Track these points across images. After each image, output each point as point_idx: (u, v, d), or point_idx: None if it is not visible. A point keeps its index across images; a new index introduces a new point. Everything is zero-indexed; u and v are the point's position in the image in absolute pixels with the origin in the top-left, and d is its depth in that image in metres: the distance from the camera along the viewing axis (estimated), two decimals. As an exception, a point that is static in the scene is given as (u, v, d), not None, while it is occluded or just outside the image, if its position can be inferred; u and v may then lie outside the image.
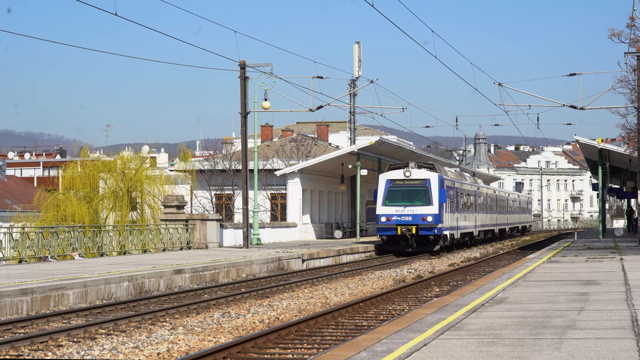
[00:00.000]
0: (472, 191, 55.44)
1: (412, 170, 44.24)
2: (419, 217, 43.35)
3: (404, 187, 44.07)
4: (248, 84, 42.26)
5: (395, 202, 43.82)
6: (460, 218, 49.83)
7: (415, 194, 43.98)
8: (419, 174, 44.24)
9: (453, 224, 47.43)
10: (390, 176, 44.50)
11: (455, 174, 51.44)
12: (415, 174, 44.16)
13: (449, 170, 50.23)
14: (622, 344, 11.10)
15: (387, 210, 43.73)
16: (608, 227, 76.07)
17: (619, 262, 28.00)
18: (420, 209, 43.51)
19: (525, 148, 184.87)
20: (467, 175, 59.70)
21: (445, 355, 10.54)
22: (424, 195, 43.81)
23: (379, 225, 44.07)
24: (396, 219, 43.40)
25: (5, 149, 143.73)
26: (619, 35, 41.86)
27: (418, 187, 43.95)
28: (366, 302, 21.49)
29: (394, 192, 44.01)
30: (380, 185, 44.41)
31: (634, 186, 61.13)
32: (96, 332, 17.00)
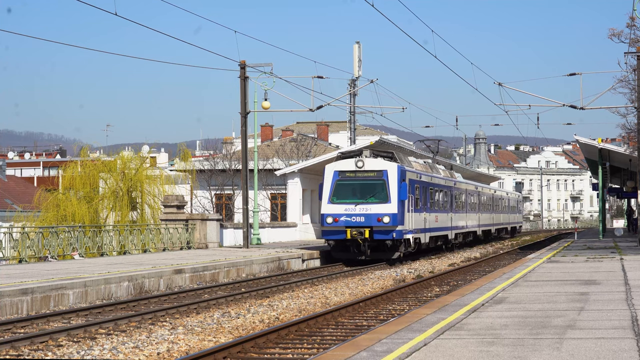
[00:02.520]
0: (447, 187, 48.03)
1: (366, 159, 36.84)
2: (374, 217, 35.91)
3: (355, 180, 36.80)
4: (248, 84, 42.26)
5: (345, 198, 36.47)
6: (429, 219, 42.37)
7: (369, 188, 36.64)
8: (374, 164, 36.88)
9: (419, 226, 39.92)
10: (339, 167, 37.18)
11: (423, 166, 44.12)
12: (370, 165, 36.80)
13: (414, 161, 42.90)
14: (622, 343, 11.10)
15: (335, 209, 36.20)
16: (608, 227, 76.08)
17: (619, 262, 28.00)
18: (375, 207, 36.11)
19: (525, 148, 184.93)
20: (442, 167, 51.19)
21: (445, 355, 10.53)
22: (379, 191, 36.50)
23: (324, 227, 36.53)
24: (345, 220, 35.98)
25: (5, 149, 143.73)
26: (619, 35, 41.88)
27: (373, 181, 36.66)
28: (366, 302, 21.48)
29: (343, 187, 36.70)
30: (327, 179, 37.04)
31: (634, 186, 61.10)
32: (96, 332, 17.00)
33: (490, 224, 64.44)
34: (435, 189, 44.36)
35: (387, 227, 35.96)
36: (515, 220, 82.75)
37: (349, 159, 37.11)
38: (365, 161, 36.82)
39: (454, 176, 52.07)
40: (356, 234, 35.82)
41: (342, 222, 36.00)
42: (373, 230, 35.86)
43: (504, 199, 74.74)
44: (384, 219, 35.86)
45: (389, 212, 35.99)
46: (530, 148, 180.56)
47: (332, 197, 36.52)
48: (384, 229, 36.00)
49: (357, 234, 35.81)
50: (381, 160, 37.27)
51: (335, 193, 36.60)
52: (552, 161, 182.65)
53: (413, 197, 38.86)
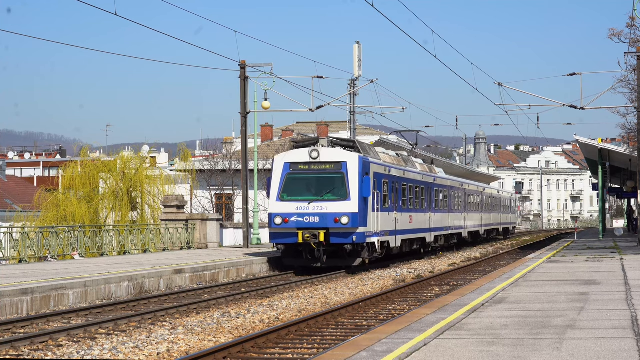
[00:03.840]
0: (426, 183, 42.93)
1: (322, 149, 31.62)
2: (330, 217, 30.65)
3: (308, 173, 31.51)
4: (248, 84, 42.26)
5: (296, 195, 31.16)
6: (401, 219, 37.16)
7: (324, 183, 31.37)
8: (331, 154, 31.61)
9: (387, 227, 34.70)
10: (290, 158, 31.86)
11: (395, 159, 38.72)
12: (326, 155, 31.49)
13: (383, 153, 37.46)
14: (622, 343, 11.10)
15: (284, 208, 30.98)
16: (608, 227, 76.11)
17: (619, 262, 28.01)
18: (331, 205, 30.81)
19: (525, 148, 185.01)
20: (419, 161, 45.36)
21: (445, 355, 10.53)
22: (337, 186, 31.19)
23: (272, 229, 31.26)
24: (297, 221, 30.72)
25: (5, 149, 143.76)
26: (619, 35, 41.95)
27: (329, 174, 31.35)
28: (366, 302, 21.49)
29: (294, 182, 31.45)
30: (276, 172, 31.66)
31: (634, 186, 61.14)
32: (96, 332, 17.00)
33: (478, 224, 59.21)
34: (409, 185, 39.20)
35: (345, 229, 30.66)
36: (509, 221, 77.43)
37: (303, 149, 31.85)
38: (321, 151, 31.47)
39: (434, 171, 46.85)
40: (309, 237, 30.46)
41: (293, 223, 30.70)
42: (329, 232, 30.67)
43: (496, 197, 69.28)
44: (342, 219, 30.51)
45: (348, 211, 30.66)
46: (530, 148, 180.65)
47: (281, 193, 31.26)
48: (343, 231, 30.68)
49: (310, 237, 30.46)
50: (340, 150, 32.02)
51: (286, 189, 31.30)
52: (552, 161, 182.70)
53: (380, 194, 33.59)
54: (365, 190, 31.10)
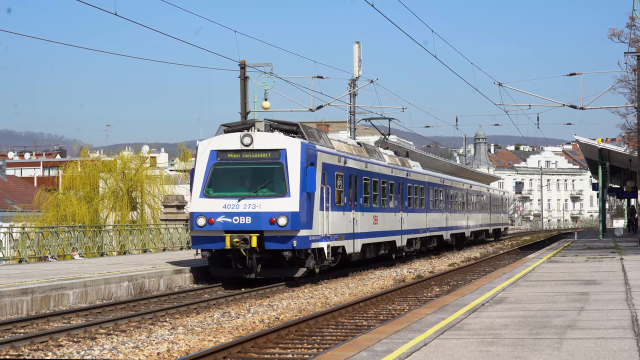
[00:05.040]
0: (396, 178, 37.42)
1: (257, 134, 26.10)
2: (265, 217, 25.27)
3: (240, 164, 26.17)
4: (248, 84, 42.26)
5: (224, 190, 25.92)
6: (363, 220, 31.78)
7: (259, 176, 26.02)
8: (268, 140, 26.10)
9: (341, 229, 29.18)
10: (218, 144, 26.30)
11: (353, 148, 32.77)
12: (262, 141, 26.00)
13: (337, 141, 31.57)
14: (622, 343, 11.10)
15: (209, 206, 25.63)
16: (608, 227, 76.11)
17: (619, 262, 28.01)
18: (267, 203, 25.41)
19: (525, 148, 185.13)
20: (389, 153, 39.65)
21: (445, 355, 10.53)
22: (274, 179, 25.86)
23: (194, 231, 25.93)
24: (224, 222, 25.41)
25: (5, 149, 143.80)
26: (619, 35, 41.97)
27: (265, 165, 25.99)
28: (366, 302, 21.49)
29: (222, 174, 26.16)
30: (200, 162, 26.35)
31: (634, 186, 61.14)
32: (96, 332, 17.00)
33: (463, 225, 53.65)
34: (373, 179, 33.61)
35: (284, 231, 25.26)
36: (500, 221, 71.60)
37: (233, 134, 26.30)
38: (255, 137, 25.97)
39: (407, 165, 41.10)
40: (239, 242, 25.06)
41: (219, 225, 25.38)
42: (264, 236, 25.29)
43: (485, 195, 63.62)
44: (280, 220, 25.11)
45: (287, 209, 25.24)
46: (530, 148, 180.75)
47: (206, 188, 25.95)
48: (280, 234, 25.32)
49: (239, 242, 25.07)
50: (280, 135, 26.45)
51: (211, 183, 26.00)
52: (552, 161, 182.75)
53: (331, 189, 28.12)
54: (309, 184, 25.73)
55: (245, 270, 25.80)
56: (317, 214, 26.73)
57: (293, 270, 26.26)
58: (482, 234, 62.20)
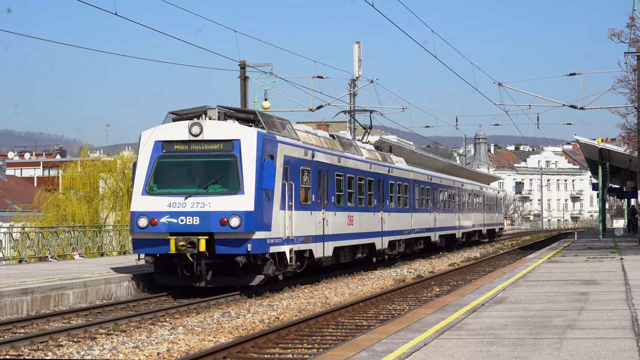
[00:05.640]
0: (375, 174, 34.24)
1: (207, 123, 23.22)
2: (215, 217, 22.30)
3: (188, 156, 23.24)
4: (248, 84, 42.27)
5: (170, 187, 23.02)
6: (333, 220, 28.71)
7: (209, 170, 23.09)
8: (220, 130, 23.13)
9: (308, 231, 26.15)
10: (163, 134, 23.41)
11: (324, 141, 29.38)
12: (213, 131, 23.09)
13: (305, 132, 27.85)
14: (622, 343, 11.10)
15: (152, 205, 22.72)
16: (608, 227, 76.14)
17: (619, 261, 28.01)
18: (217, 201, 22.44)
19: (525, 148, 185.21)
20: (367, 147, 36.13)
21: (445, 355, 10.53)
22: (227, 174, 22.91)
23: (135, 234, 22.94)
24: (168, 223, 22.42)
25: (5, 149, 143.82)
26: (619, 35, 41.97)
27: (216, 157, 23.09)
28: (366, 302, 21.49)
29: (167, 168, 23.29)
30: (143, 154, 23.49)
31: (634, 186, 61.17)
32: (96, 332, 17.01)
33: (454, 226, 50.78)
34: (348, 175, 30.52)
35: (236, 234, 22.22)
36: (494, 221, 68.62)
37: (181, 122, 23.42)
38: (206, 126, 23.07)
39: (389, 160, 37.85)
40: (185, 245, 22.07)
41: (163, 226, 22.43)
42: (214, 239, 22.32)
43: (478, 194, 60.54)
44: (232, 220, 22.14)
45: (240, 208, 22.25)
46: (530, 148, 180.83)
47: (149, 184, 23.10)
48: (233, 237, 22.28)
49: (186, 245, 22.08)
50: (234, 124, 23.37)
51: (155, 178, 23.16)
52: (552, 161, 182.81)
53: (296, 186, 25.14)
54: (267, 180, 22.83)
55: (194, 278, 22.79)
56: (277, 214, 23.65)
57: (249, 277, 23.09)
58: (474, 235, 59.31)
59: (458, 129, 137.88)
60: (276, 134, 24.34)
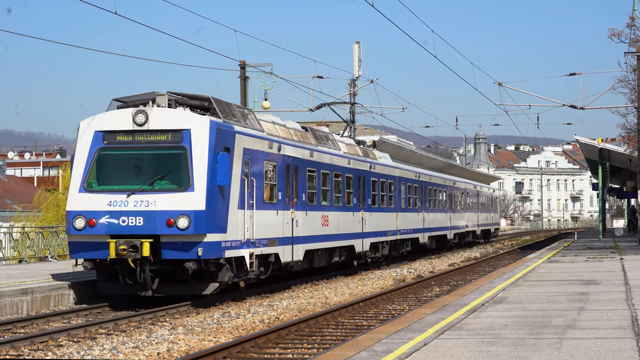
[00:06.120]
0: (355, 170, 31.67)
1: (153, 111, 20.64)
2: (161, 217, 19.84)
3: (132, 148, 20.81)
4: (248, 84, 42.28)
5: (111, 183, 20.64)
6: (305, 221, 26.29)
7: (155, 164, 20.64)
8: (169, 118, 20.59)
9: (273, 233, 23.72)
10: (104, 124, 20.87)
11: (293, 133, 26.79)
12: (160, 120, 20.56)
13: (272, 123, 25.39)
14: (622, 343, 11.10)
15: (90, 203, 20.28)
16: (608, 227, 76.13)
17: (619, 261, 28.01)
18: (164, 199, 20.01)
19: (525, 148, 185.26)
20: (347, 142, 33.28)
21: (445, 355, 10.53)
22: (175, 168, 20.43)
23: (71, 236, 20.46)
24: (108, 223, 19.98)
25: (5, 149, 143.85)
26: (619, 35, 41.99)
27: (163, 150, 20.60)
28: (366, 302, 21.49)
29: (108, 162, 20.82)
30: (81, 147, 20.91)
31: (634, 186, 61.18)
32: (96, 332, 17.01)
33: (446, 226, 48.09)
34: (323, 171, 28.15)
35: (185, 236, 19.80)
36: (489, 221, 65.43)
37: (125, 110, 20.90)
38: (152, 114, 20.53)
39: (372, 156, 35.19)
40: (126, 249, 19.67)
41: (102, 228, 20.00)
42: (160, 242, 19.90)
43: (472, 193, 57.95)
44: (180, 221, 19.71)
45: (190, 207, 19.83)
46: (530, 148, 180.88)
47: (87, 180, 20.57)
48: (181, 239, 19.84)
49: (127, 249, 19.68)
50: (184, 112, 20.85)
51: (94, 173, 20.69)
52: (552, 161, 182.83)
53: (258, 183, 22.69)
54: (221, 175, 20.39)
55: (139, 286, 20.33)
56: (234, 214, 21.22)
57: (201, 286, 20.65)
58: (468, 236, 56.40)
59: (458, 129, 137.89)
60: (234, 123, 21.95)
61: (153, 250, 19.78)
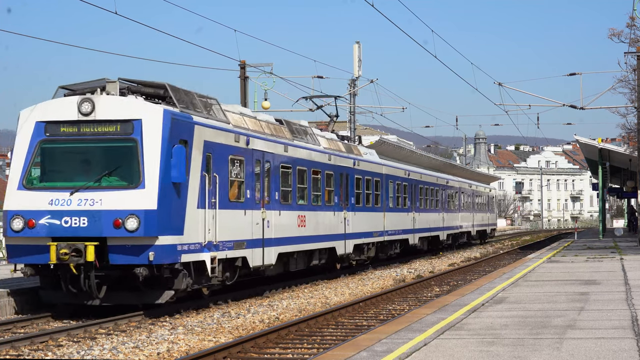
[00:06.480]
0: (336, 167, 29.56)
1: (101, 99, 18.68)
2: (107, 218, 17.94)
3: (76, 141, 18.83)
4: (248, 84, 42.31)
5: (53, 180, 18.73)
6: (277, 221, 24.15)
7: (102, 158, 18.65)
8: (117, 108, 18.62)
9: (242, 234, 21.74)
10: (47, 114, 18.94)
11: (265, 125, 24.59)
12: (108, 109, 18.60)
13: (240, 115, 23.25)
14: (622, 343, 11.10)
15: (29, 202, 18.40)
16: (608, 227, 76.14)
17: (619, 261, 28.02)
18: (111, 197, 18.12)
19: (525, 148, 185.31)
20: (328, 136, 30.97)
21: (445, 355, 10.53)
22: (124, 163, 18.49)
23: (8, 238, 18.56)
24: (49, 225, 18.08)
25: (5, 149, 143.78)
26: (619, 35, 42.01)
27: (111, 142, 18.62)
28: (366, 301, 21.50)
29: (50, 156, 18.94)
30: (21, 139, 19.18)
31: (634, 186, 61.19)
32: (96, 332, 16.99)
33: (437, 227, 45.87)
34: (298, 167, 26.09)
35: (134, 238, 17.93)
36: (485, 222, 62.84)
37: (70, 98, 18.97)
38: (99, 103, 18.56)
39: (355, 152, 32.95)
40: (68, 253, 17.79)
41: (43, 229, 18.12)
42: (107, 245, 18.03)
43: (466, 192, 55.72)
44: (129, 221, 17.81)
45: (140, 206, 17.94)
46: (530, 148, 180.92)
47: (27, 176, 18.68)
48: (130, 242, 17.97)
49: (69, 253, 17.79)
50: (135, 100, 18.83)
51: (35, 169, 18.88)
52: (552, 161, 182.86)
53: (221, 179, 20.65)
54: (177, 170, 18.42)
55: (85, 295, 18.36)
56: (193, 214, 19.28)
57: (154, 294, 18.70)
58: (462, 237, 54.34)
59: (458, 129, 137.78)
60: (194, 113, 19.95)
61: (99, 255, 17.85)
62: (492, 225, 67.09)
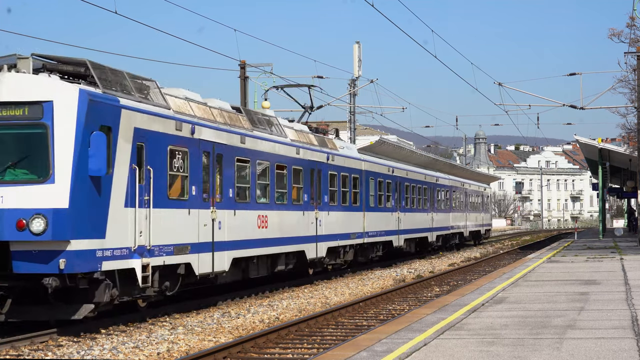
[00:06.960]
0: (307, 162, 26.77)
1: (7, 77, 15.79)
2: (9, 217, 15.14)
3: None
4: (248, 84, 42.32)
5: None
6: (232, 221, 21.32)
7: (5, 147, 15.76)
8: (27, 87, 15.69)
9: (185, 237, 18.85)
10: None
11: (219, 114, 21.47)
12: (14, 89, 15.72)
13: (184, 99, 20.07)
14: (622, 343, 11.10)
15: None
16: (608, 227, 76.18)
17: (619, 261, 28.03)
18: (15, 193, 15.31)
19: (525, 148, 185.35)
20: (295, 127, 27.61)
21: (445, 355, 10.53)
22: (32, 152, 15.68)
23: None
24: None
25: None
26: (619, 35, 42.04)
27: (17, 129, 15.73)
28: (366, 301, 21.49)
29: None
30: None
31: (634, 186, 61.21)
32: (96, 332, 16.98)
33: (425, 228, 42.85)
34: (258, 161, 23.14)
35: (41, 243, 15.21)
36: (478, 222, 59.78)
37: None
38: (4, 81, 15.80)
39: (330, 146, 29.80)
40: None
41: None
42: (10, 251, 15.33)
43: (458, 191, 52.65)
44: (34, 223, 15.14)
45: (48, 205, 15.25)
46: (530, 148, 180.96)
47: None
48: (36, 247, 15.26)
49: None
50: (48, 79, 15.97)
51: None
52: (552, 161, 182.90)
53: (156, 173, 17.80)
54: (96, 162, 15.70)
55: None
56: (118, 213, 16.47)
57: (69, 308, 16.01)
58: (454, 238, 51.22)
59: (458, 129, 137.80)
60: (122, 96, 17.05)
61: (1, 262, 15.30)
62: (486, 226, 64.16)
